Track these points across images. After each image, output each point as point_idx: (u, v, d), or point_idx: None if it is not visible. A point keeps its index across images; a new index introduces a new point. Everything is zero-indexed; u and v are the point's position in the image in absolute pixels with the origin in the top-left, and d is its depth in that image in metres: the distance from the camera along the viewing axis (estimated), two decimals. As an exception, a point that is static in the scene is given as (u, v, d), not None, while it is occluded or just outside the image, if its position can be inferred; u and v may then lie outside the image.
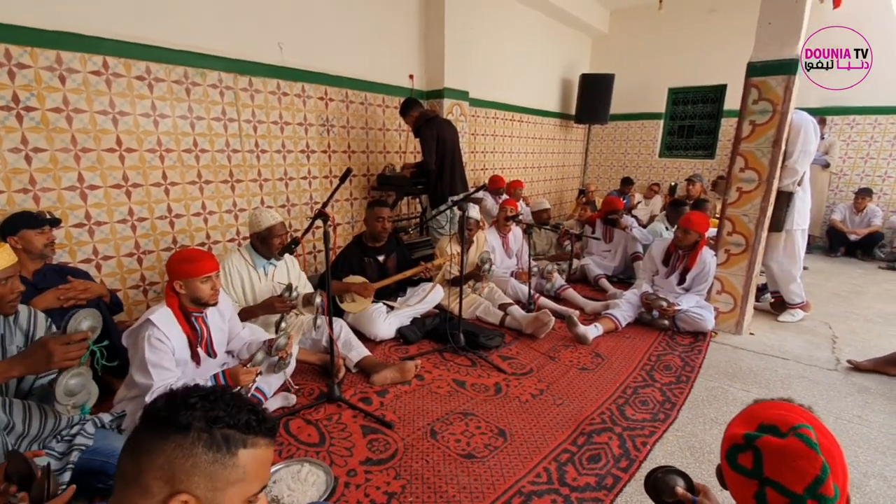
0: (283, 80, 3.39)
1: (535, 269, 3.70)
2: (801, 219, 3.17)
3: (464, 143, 4.45)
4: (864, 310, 3.64)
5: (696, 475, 1.72)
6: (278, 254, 2.38)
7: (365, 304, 2.86)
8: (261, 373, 1.89)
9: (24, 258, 1.92)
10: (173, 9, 2.75)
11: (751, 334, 3.11)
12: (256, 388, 2.00)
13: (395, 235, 3.24)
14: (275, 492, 1.55)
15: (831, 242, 5.66)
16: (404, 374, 2.37)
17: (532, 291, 3.37)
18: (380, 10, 3.96)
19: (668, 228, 4.31)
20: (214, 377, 1.77)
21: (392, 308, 2.99)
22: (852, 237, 5.44)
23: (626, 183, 6.31)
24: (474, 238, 3.47)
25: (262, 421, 0.63)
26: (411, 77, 4.35)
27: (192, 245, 3.08)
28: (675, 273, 3.18)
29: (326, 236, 2.03)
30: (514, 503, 1.57)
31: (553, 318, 2.97)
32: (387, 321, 2.86)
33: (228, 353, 2.13)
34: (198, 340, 1.83)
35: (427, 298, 3.09)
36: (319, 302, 2.25)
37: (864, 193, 5.41)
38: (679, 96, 6.81)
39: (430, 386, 2.35)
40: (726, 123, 6.36)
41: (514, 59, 5.64)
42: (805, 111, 3.02)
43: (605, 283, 4.02)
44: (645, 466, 1.77)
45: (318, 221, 2.01)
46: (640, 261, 4.03)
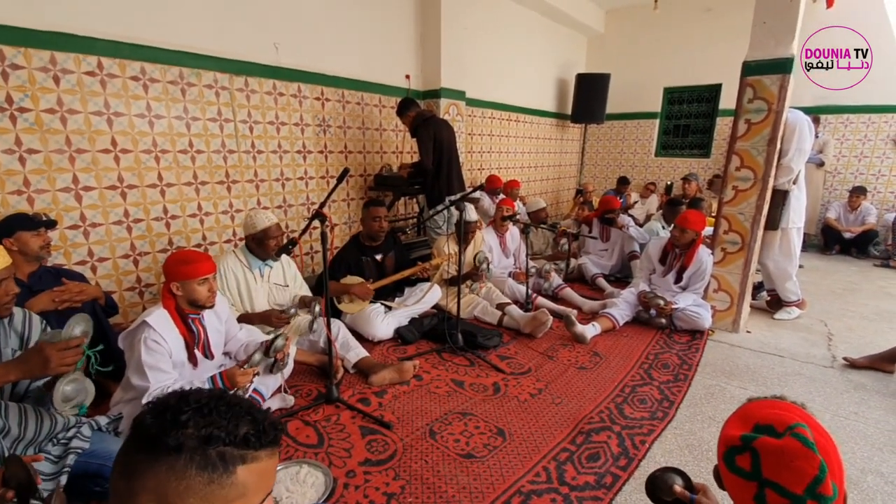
0: (279, 81, 3.38)
1: (532, 269, 3.71)
2: (796, 217, 3.19)
3: (460, 143, 4.44)
4: (859, 307, 3.67)
5: (694, 473, 1.73)
6: (275, 255, 2.37)
7: (363, 304, 2.86)
8: (258, 374, 1.88)
9: (19, 260, 1.90)
10: (168, 9, 2.74)
11: (747, 332, 3.13)
12: (254, 390, 1.99)
13: (393, 234, 3.23)
14: (273, 493, 1.54)
15: (826, 240, 5.69)
16: (402, 374, 2.37)
17: (530, 291, 3.37)
18: (376, 10, 3.95)
19: (664, 227, 4.32)
20: (211, 379, 1.76)
21: (390, 308, 2.99)
22: (847, 235, 5.48)
23: (623, 182, 6.32)
24: (472, 237, 3.47)
25: (263, 433, 0.58)
26: (408, 77, 4.34)
27: (188, 246, 3.06)
28: (672, 272, 3.20)
29: (324, 237, 2.03)
30: (513, 503, 1.57)
31: (551, 317, 2.98)
32: (385, 321, 2.86)
33: (226, 354, 2.11)
34: (195, 342, 1.82)
35: (425, 298, 3.09)
36: (318, 310, 2.24)
37: (858, 192, 5.45)
38: (674, 95, 6.84)
39: (428, 386, 2.35)
40: (721, 122, 6.39)
41: (511, 58, 5.64)
42: (799, 110, 3.04)
43: (602, 282, 4.03)
44: (644, 465, 1.77)
45: (316, 222, 2.00)
46: (636, 260, 4.05)
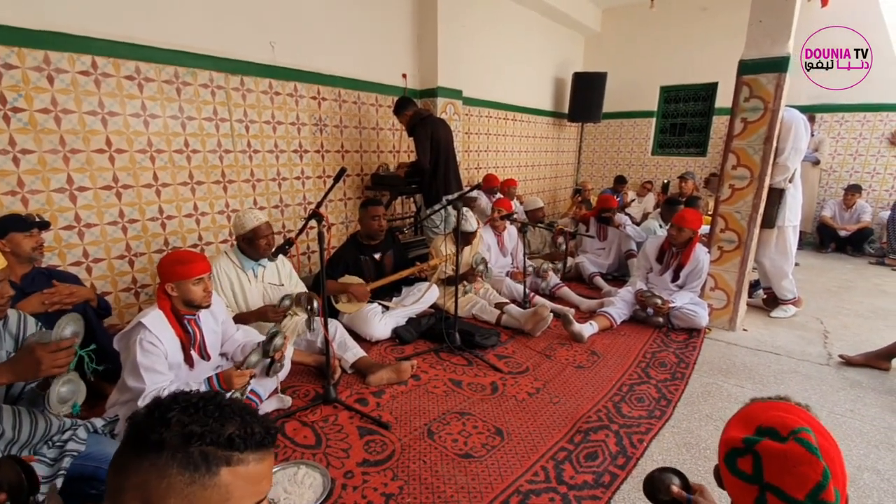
0: (275, 80, 3.36)
1: (529, 268, 3.71)
2: (792, 215, 3.20)
3: (457, 142, 4.44)
4: (854, 305, 3.69)
5: (692, 472, 1.74)
6: (272, 254, 2.36)
7: (360, 304, 2.85)
8: (254, 376, 1.87)
9: (11, 262, 1.88)
10: (163, 8, 2.72)
11: (744, 330, 3.14)
12: (251, 391, 1.98)
13: (392, 233, 3.23)
14: (271, 495, 1.52)
15: (822, 238, 5.72)
16: (400, 374, 2.36)
17: (527, 290, 3.38)
18: (372, 9, 3.94)
19: (661, 226, 4.33)
20: (208, 381, 1.75)
21: (387, 308, 2.98)
22: (842, 233, 5.51)
23: (620, 181, 6.33)
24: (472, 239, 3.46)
25: (250, 435, 0.57)
26: (404, 76, 4.33)
27: (184, 247, 3.05)
28: (669, 270, 3.20)
29: (321, 237, 2.02)
30: (511, 502, 1.57)
31: (550, 313, 2.98)
32: (382, 321, 2.85)
33: (222, 355, 2.10)
34: (191, 343, 1.81)
35: (423, 298, 3.09)
36: (315, 307, 2.23)
37: (853, 190, 5.48)
38: (671, 94, 6.85)
39: (426, 386, 2.35)
40: (717, 121, 6.41)
41: (508, 57, 5.64)
42: (795, 108, 3.05)
43: (599, 280, 4.04)
44: (641, 463, 1.78)
45: (312, 222, 1.99)
46: (634, 258, 4.05)
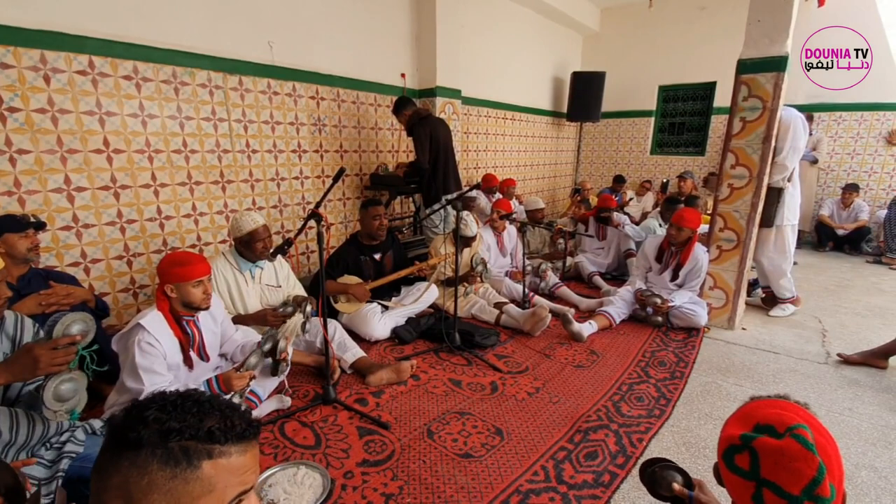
0: (274, 80, 3.35)
1: (528, 268, 3.71)
2: (790, 214, 3.21)
3: (456, 142, 4.43)
4: (852, 303, 3.70)
5: (691, 470, 1.73)
6: (271, 255, 2.36)
7: (359, 304, 2.85)
8: (254, 377, 1.87)
9: (8, 263, 1.87)
10: (160, 7, 2.71)
11: (743, 329, 3.14)
12: (251, 392, 1.98)
13: (392, 233, 3.22)
14: (271, 496, 1.53)
15: (820, 237, 5.74)
16: (400, 374, 2.36)
17: (526, 290, 3.38)
18: (371, 9, 3.93)
19: (661, 225, 4.33)
20: (207, 382, 1.74)
21: (387, 308, 2.98)
22: (840, 232, 5.53)
23: (618, 181, 6.34)
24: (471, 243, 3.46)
25: (230, 428, 0.58)
26: (403, 76, 4.33)
27: (182, 247, 3.04)
28: (669, 269, 3.21)
29: (320, 237, 2.01)
30: (511, 502, 1.57)
31: (549, 313, 2.98)
32: (381, 321, 2.85)
33: (221, 356, 2.10)
34: (190, 344, 1.81)
35: (422, 298, 3.08)
36: (310, 311, 2.23)
37: (850, 189, 5.50)
38: (669, 94, 6.86)
39: (425, 386, 2.34)
40: (716, 120, 6.42)
41: (506, 57, 5.64)
42: (793, 108, 3.05)
43: (598, 280, 4.04)
44: (641, 463, 1.77)
45: (312, 222, 1.99)
46: (633, 258, 4.05)
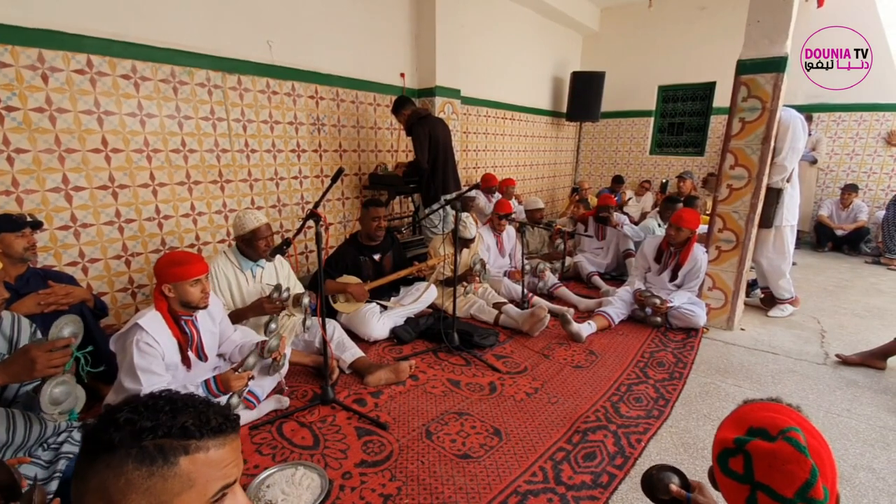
0: (273, 79, 3.35)
1: (527, 268, 3.71)
2: (790, 215, 3.21)
3: (456, 142, 4.43)
4: (851, 304, 3.70)
5: (690, 471, 1.73)
6: (269, 255, 2.35)
7: (358, 304, 2.84)
8: (253, 377, 1.87)
9: (5, 263, 1.87)
10: (159, 6, 2.70)
11: (741, 330, 3.15)
12: (249, 392, 1.98)
13: (391, 234, 3.22)
14: (269, 496, 1.53)
15: (819, 238, 5.74)
16: (398, 374, 2.36)
17: (525, 290, 3.37)
18: (370, 8, 3.92)
19: (660, 225, 4.33)
20: (206, 383, 1.74)
21: (385, 308, 2.98)
22: (839, 232, 5.53)
23: (618, 181, 6.34)
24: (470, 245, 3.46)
25: (205, 423, 0.58)
26: (402, 75, 4.32)
27: (181, 247, 3.03)
28: (668, 270, 3.21)
29: (318, 237, 2.01)
30: (510, 503, 1.57)
31: (548, 313, 2.98)
32: (380, 321, 2.85)
33: (220, 356, 2.10)
34: (188, 344, 1.80)
35: (421, 298, 3.08)
36: (308, 302, 2.23)
37: (849, 189, 5.50)
38: (669, 94, 6.86)
39: (424, 386, 2.34)
40: (715, 121, 6.42)
41: (506, 56, 5.63)
42: (792, 108, 3.05)
43: (597, 280, 4.04)
44: (640, 463, 1.78)
45: (310, 222, 1.98)
46: (632, 258, 4.06)
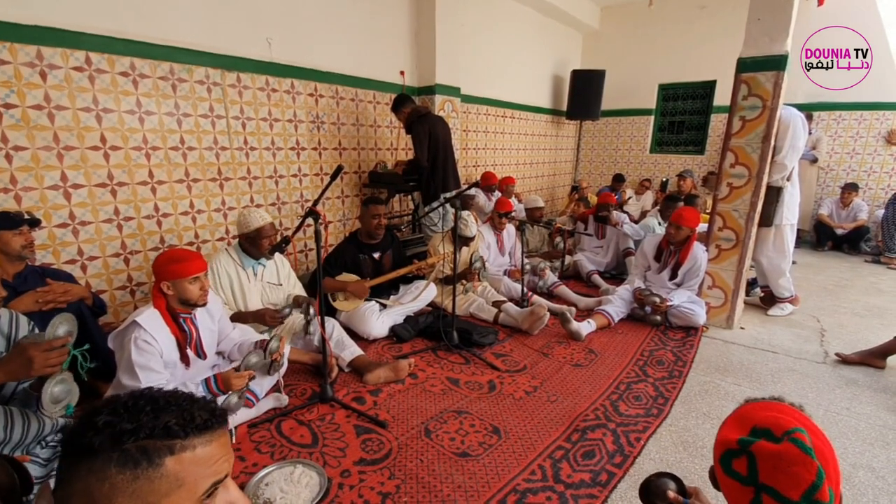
0: (272, 77, 3.34)
1: (527, 267, 3.71)
2: (790, 214, 3.20)
3: (455, 140, 4.42)
4: (851, 303, 3.70)
5: (689, 470, 1.74)
6: (269, 253, 2.35)
7: (358, 302, 2.84)
8: (253, 377, 1.86)
9: (3, 260, 1.87)
10: (158, 3, 2.69)
11: (741, 329, 3.14)
12: (248, 390, 1.97)
13: (391, 232, 3.21)
14: (267, 494, 1.53)
15: (819, 237, 5.74)
16: (398, 372, 2.36)
17: (525, 289, 3.37)
18: (370, 5, 3.91)
19: (661, 224, 4.33)
20: (206, 382, 1.74)
21: (385, 306, 2.98)
22: (839, 231, 5.53)
23: (618, 179, 6.33)
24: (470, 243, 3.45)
25: (189, 421, 0.56)
26: (402, 73, 4.31)
27: (180, 244, 3.03)
28: (668, 269, 3.20)
29: (318, 235, 2.01)
30: (509, 501, 1.57)
31: (548, 312, 2.98)
32: (380, 319, 2.84)
33: (219, 354, 2.10)
34: (187, 342, 1.80)
35: (420, 296, 3.08)
36: (313, 313, 2.23)
37: (850, 188, 5.49)
38: (669, 92, 6.84)
39: (423, 384, 2.34)
40: (716, 119, 6.41)
41: (506, 55, 5.62)
42: (792, 107, 3.05)
43: (597, 279, 4.04)
44: (639, 462, 1.78)
45: (309, 220, 1.98)
46: (632, 257, 4.05)
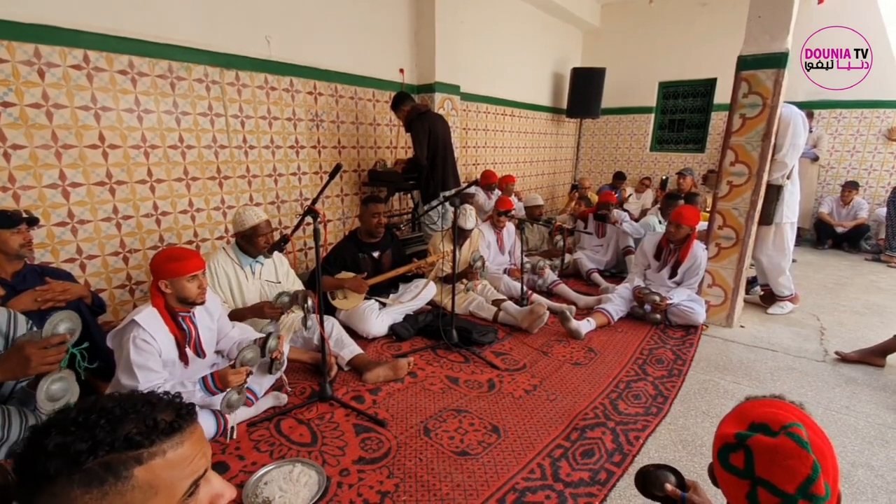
0: (271, 75, 3.33)
1: (527, 265, 3.71)
2: (790, 212, 3.20)
3: (455, 138, 4.42)
4: (851, 301, 3.70)
5: (688, 468, 1.74)
6: (267, 251, 2.35)
7: (357, 300, 2.84)
8: (251, 373, 1.86)
9: (1, 259, 1.86)
10: (156, 1, 2.68)
11: (741, 327, 3.14)
12: (247, 389, 1.97)
13: (391, 231, 3.21)
14: (266, 493, 1.53)
15: (819, 235, 5.73)
16: (397, 371, 2.35)
17: (524, 288, 3.37)
18: (369, 3, 3.89)
19: (661, 222, 4.32)
20: (203, 380, 1.74)
21: (384, 305, 2.97)
22: (839, 230, 5.52)
23: (619, 177, 6.32)
24: (468, 236, 3.45)
25: (152, 428, 0.53)
26: (402, 71, 4.30)
27: (179, 243, 3.02)
28: (667, 267, 3.20)
29: (316, 233, 2.00)
30: (508, 500, 1.57)
31: (547, 311, 2.98)
32: (379, 318, 2.84)
33: (218, 353, 2.09)
34: (186, 340, 1.80)
35: (420, 295, 3.08)
36: (310, 304, 2.22)
37: (850, 186, 5.49)
38: (670, 90, 6.83)
39: (423, 383, 2.34)
40: (716, 117, 6.40)
41: (506, 52, 5.60)
42: (793, 105, 3.04)
43: (597, 277, 4.03)
44: (638, 460, 1.78)
45: (308, 218, 1.98)
46: (631, 255, 4.05)
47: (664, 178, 6.63)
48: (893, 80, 5.33)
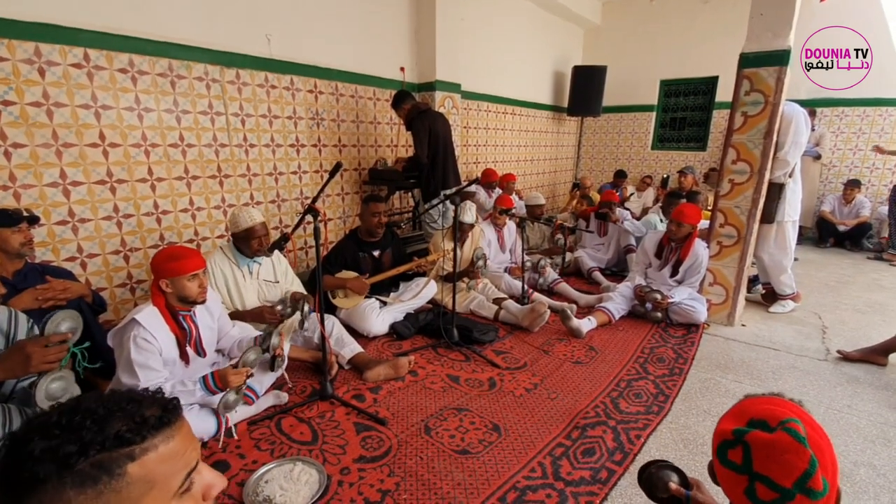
0: (272, 73, 3.32)
1: (528, 264, 3.70)
2: (792, 210, 3.19)
3: (456, 137, 4.41)
4: (853, 300, 3.69)
5: (689, 467, 1.74)
6: (268, 250, 2.35)
7: (357, 300, 2.84)
8: (251, 374, 1.86)
9: (2, 258, 1.86)
10: (156, -1, 2.68)
11: (742, 326, 3.13)
12: (247, 387, 1.97)
13: (391, 230, 3.21)
14: (267, 492, 1.53)
15: (821, 233, 5.72)
16: (398, 370, 2.35)
17: (525, 286, 3.36)
18: (370, 1, 3.89)
19: (662, 220, 4.31)
20: (203, 379, 1.73)
21: (385, 303, 2.97)
22: (841, 228, 5.50)
23: (620, 176, 6.31)
24: (469, 234, 3.45)
25: (141, 423, 0.53)
26: (402, 69, 4.29)
27: (179, 242, 3.03)
28: (668, 265, 3.19)
29: (317, 232, 2.00)
30: (508, 498, 1.57)
31: (548, 309, 2.97)
32: (380, 317, 2.84)
33: (218, 351, 2.10)
34: (186, 339, 1.80)
35: (421, 294, 3.07)
36: (308, 309, 2.22)
37: (852, 185, 5.47)
38: (671, 88, 6.81)
39: (423, 382, 2.34)
40: (717, 115, 6.38)
41: (507, 51, 5.59)
42: (795, 103, 3.03)
43: (598, 275, 4.03)
44: (639, 459, 1.77)
45: (309, 217, 1.97)
46: (633, 253, 4.04)
47: (665, 176, 6.61)
48: (895, 77, 5.31)
